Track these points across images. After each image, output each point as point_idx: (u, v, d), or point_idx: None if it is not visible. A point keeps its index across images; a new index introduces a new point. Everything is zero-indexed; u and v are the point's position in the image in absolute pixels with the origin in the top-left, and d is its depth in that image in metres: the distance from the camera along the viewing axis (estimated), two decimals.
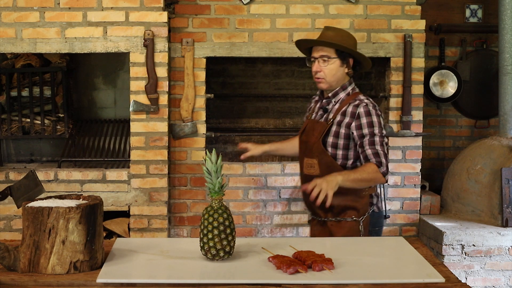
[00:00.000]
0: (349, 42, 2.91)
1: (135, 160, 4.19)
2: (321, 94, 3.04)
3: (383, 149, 2.80)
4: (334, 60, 2.87)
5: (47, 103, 4.50)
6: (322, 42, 2.90)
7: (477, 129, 5.26)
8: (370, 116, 2.82)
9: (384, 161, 2.77)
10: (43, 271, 2.03)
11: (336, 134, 2.85)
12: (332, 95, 2.94)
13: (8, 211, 4.15)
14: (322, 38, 2.92)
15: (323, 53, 2.88)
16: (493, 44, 5.14)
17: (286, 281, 1.96)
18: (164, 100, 4.17)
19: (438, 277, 2.03)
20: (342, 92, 2.93)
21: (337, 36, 2.89)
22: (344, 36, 2.92)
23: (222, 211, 2.17)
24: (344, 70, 2.92)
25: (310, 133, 2.95)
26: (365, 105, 2.84)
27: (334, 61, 2.87)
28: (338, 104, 2.90)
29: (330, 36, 2.89)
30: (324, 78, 2.89)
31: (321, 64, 2.89)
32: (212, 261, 2.15)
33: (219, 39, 4.34)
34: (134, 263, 2.16)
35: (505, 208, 4.20)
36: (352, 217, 2.88)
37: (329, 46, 2.86)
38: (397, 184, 4.54)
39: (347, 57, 2.89)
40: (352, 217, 2.88)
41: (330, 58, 2.87)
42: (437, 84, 5.08)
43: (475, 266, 4.15)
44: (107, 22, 4.07)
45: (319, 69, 2.89)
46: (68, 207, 2.03)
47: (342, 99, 2.91)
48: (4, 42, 4.04)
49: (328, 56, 2.87)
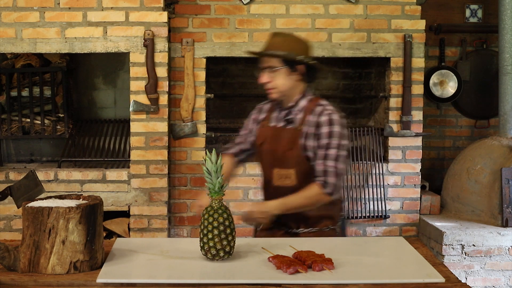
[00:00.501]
0: (297, 48, 2.70)
1: (135, 160, 4.19)
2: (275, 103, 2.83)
3: (335, 165, 2.61)
4: (280, 69, 2.68)
5: (47, 103, 4.50)
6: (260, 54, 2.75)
7: (477, 129, 5.26)
8: (331, 126, 2.64)
9: (332, 180, 2.61)
10: (43, 271, 2.03)
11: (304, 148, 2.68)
12: (293, 104, 2.74)
13: (8, 211, 4.15)
14: (268, 46, 2.74)
15: (269, 64, 2.71)
16: (493, 44, 5.14)
17: (286, 281, 1.96)
18: (164, 100, 4.17)
19: (438, 277, 2.03)
20: (302, 100, 2.73)
21: (284, 42, 2.70)
22: (292, 42, 2.73)
23: (222, 211, 2.17)
24: (296, 78, 2.70)
25: (276, 142, 2.74)
26: (328, 113, 2.66)
27: (281, 70, 2.68)
28: (301, 113, 2.71)
29: (277, 43, 2.71)
30: (274, 88, 2.71)
31: (269, 75, 2.72)
32: (212, 261, 2.15)
33: (219, 39, 4.34)
34: (134, 263, 2.16)
35: (505, 208, 4.20)
36: (329, 226, 2.76)
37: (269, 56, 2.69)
38: (397, 184, 4.54)
39: (296, 65, 2.68)
40: (329, 226, 2.76)
41: (276, 69, 2.68)
42: (437, 84, 5.08)
43: (475, 266, 4.15)
44: (107, 22, 4.07)
45: (266, 80, 2.72)
46: (68, 207, 2.03)
47: (304, 107, 2.72)
48: (4, 42, 4.04)
49: (274, 67, 2.69)
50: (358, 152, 4.54)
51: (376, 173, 4.50)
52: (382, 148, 4.57)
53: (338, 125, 2.66)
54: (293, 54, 2.67)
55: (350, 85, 5.11)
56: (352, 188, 4.50)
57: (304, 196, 2.62)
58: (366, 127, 4.62)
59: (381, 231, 4.55)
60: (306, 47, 2.75)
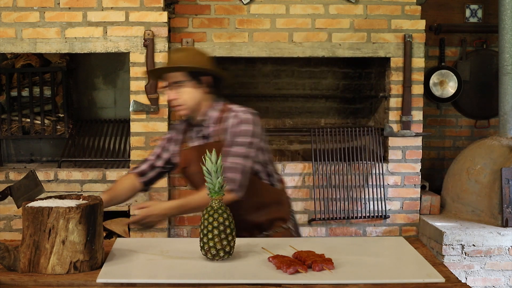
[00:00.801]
0: (200, 60, 2.65)
1: (135, 160, 4.19)
2: (187, 122, 2.76)
3: (240, 161, 2.53)
4: (186, 83, 2.61)
5: (47, 103, 4.50)
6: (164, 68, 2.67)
7: (477, 129, 5.26)
8: (238, 126, 2.57)
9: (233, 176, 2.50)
10: (43, 271, 2.03)
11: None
12: (203, 118, 2.67)
13: (8, 211, 4.16)
14: (170, 62, 2.67)
15: (174, 79, 2.62)
16: (493, 44, 5.14)
17: (286, 281, 1.96)
18: (164, 100, 4.17)
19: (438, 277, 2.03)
20: (212, 111, 2.66)
21: (186, 57, 2.64)
22: (194, 55, 2.68)
23: (222, 211, 2.17)
24: (203, 91, 2.64)
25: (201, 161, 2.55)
26: (234, 115, 2.60)
27: (187, 84, 2.61)
28: (214, 125, 2.65)
29: (178, 58, 2.65)
30: (182, 104, 2.63)
31: (175, 91, 2.63)
32: (212, 261, 2.15)
33: (219, 39, 4.34)
34: (134, 263, 2.16)
35: (505, 208, 4.20)
36: (282, 226, 2.72)
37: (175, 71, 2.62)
38: (397, 184, 4.54)
39: (201, 77, 2.62)
40: (282, 226, 2.72)
41: (182, 83, 2.61)
42: (437, 84, 5.08)
43: (475, 266, 4.15)
44: (107, 22, 4.07)
45: (173, 96, 2.63)
46: (68, 207, 2.03)
47: (216, 118, 2.65)
48: (4, 42, 4.04)
49: (179, 81, 2.61)
50: (358, 152, 4.54)
51: (376, 173, 4.50)
52: (382, 148, 4.57)
53: (246, 123, 2.58)
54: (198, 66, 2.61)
55: (350, 85, 5.11)
56: (352, 188, 4.50)
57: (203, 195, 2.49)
58: (366, 127, 4.62)
59: (381, 231, 4.55)
60: (207, 59, 2.70)
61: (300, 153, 5.06)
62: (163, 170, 2.84)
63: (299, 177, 4.48)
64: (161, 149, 2.82)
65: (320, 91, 5.07)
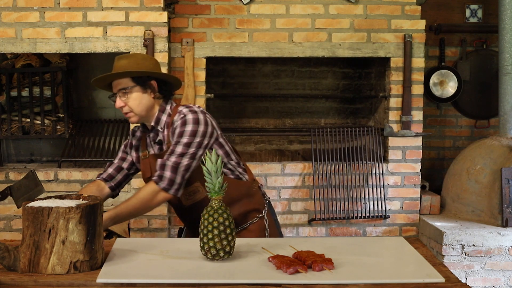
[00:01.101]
0: (145, 64, 2.63)
1: None
2: (143, 128, 2.76)
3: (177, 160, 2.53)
4: (132, 89, 2.60)
5: (47, 103, 4.50)
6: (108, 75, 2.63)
7: (477, 129, 5.26)
8: (184, 126, 2.57)
9: (168, 174, 2.52)
10: (43, 271, 2.03)
11: None
12: (154, 123, 2.67)
13: (8, 211, 4.15)
14: (114, 69, 2.64)
15: (120, 86, 2.61)
16: (493, 44, 5.14)
17: (286, 281, 1.96)
18: None
19: (438, 277, 2.03)
20: (163, 115, 2.66)
21: (130, 63, 2.62)
22: (138, 60, 2.66)
23: (222, 211, 2.17)
24: (150, 96, 2.64)
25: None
26: (181, 117, 2.59)
27: (133, 90, 2.60)
28: (166, 129, 2.65)
29: (123, 65, 2.62)
30: (131, 111, 2.63)
31: (122, 98, 2.62)
32: (212, 261, 2.15)
33: (219, 39, 4.34)
34: (134, 263, 2.16)
35: (505, 208, 4.20)
36: (257, 216, 2.72)
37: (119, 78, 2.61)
38: (397, 184, 4.54)
39: (147, 81, 2.62)
40: (257, 216, 2.72)
41: (128, 89, 2.60)
42: (437, 84, 5.08)
43: (475, 266, 4.15)
44: (107, 22, 4.07)
45: (121, 104, 2.62)
46: (68, 207, 2.03)
47: (167, 122, 2.65)
48: (4, 42, 4.04)
49: (125, 88, 2.60)
50: (358, 152, 4.55)
51: (376, 173, 4.50)
52: (382, 148, 4.57)
53: (192, 124, 2.57)
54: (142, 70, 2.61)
55: (350, 85, 5.11)
56: (352, 188, 4.50)
57: (137, 198, 2.53)
58: (366, 127, 4.62)
59: (381, 231, 4.55)
60: (153, 62, 2.70)
61: (300, 153, 5.06)
62: (129, 173, 2.85)
63: (299, 177, 4.48)
64: (124, 153, 2.84)
65: (320, 91, 5.07)
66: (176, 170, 2.54)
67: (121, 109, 2.65)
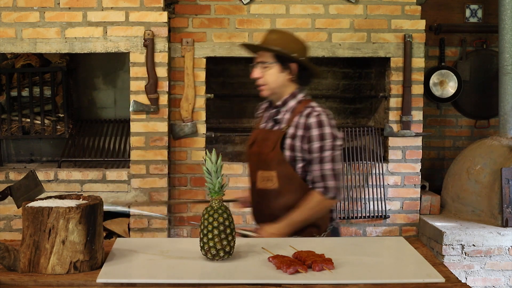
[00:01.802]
0: (293, 46, 2.66)
1: (135, 160, 4.19)
2: (270, 102, 2.81)
3: (332, 166, 2.59)
4: (272, 65, 2.65)
5: (47, 103, 4.50)
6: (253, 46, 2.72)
7: (477, 129, 5.26)
8: (321, 128, 2.59)
9: (331, 184, 2.59)
10: (43, 271, 2.03)
11: (292, 148, 2.62)
12: (281, 103, 2.71)
13: (8, 211, 4.16)
14: (264, 41, 2.70)
15: (261, 59, 2.67)
16: (493, 44, 5.14)
17: (286, 281, 1.96)
18: (164, 100, 4.17)
19: (438, 277, 2.03)
20: (292, 100, 2.69)
21: (280, 39, 2.66)
22: (288, 40, 2.68)
23: (222, 211, 2.17)
24: (286, 76, 2.67)
25: (263, 143, 2.70)
26: (317, 115, 2.60)
27: (272, 66, 2.65)
28: (289, 114, 2.67)
29: (272, 39, 2.67)
30: (265, 84, 2.69)
31: (260, 70, 2.68)
32: (212, 261, 2.15)
33: (219, 39, 4.34)
34: (134, 263, 2.16)
35: (505, 208, 4.20)
36: (314, 234, 2.68)
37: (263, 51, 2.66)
38: (397, 184, 4.54)
39: (288, 62, 2.65)
40: (314, 234, 2.68)
41: (268, 64, 2.65)
42: (437, 84, 5.08)
43: (475, 266, 4.15)
44: (107, 22, 4.07)
45: (258, 75, 2.69)
46: (68, 207, 2.03)
47: (293, 108, 2.68)
48: (4, 42, 4.04)
49: (265, 62, 2.66)
50: (358, 152, 4.54)
51: (376, 173, 4.50)
52: (382, 148, 4.57)
53: (328, 126, 2.61)
54: (286, 51, 2.64)
55: (350, 85, 5.11)
56: (352, 188, 4.50)
57: (307, 208, 2.59)
58: (366, 127, 4.62)
59: (381, 231, 4.55)
60: (302, 47, 2.71)
61: None
62: None
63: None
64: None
65: (320, 91, 5.07)
66: (335, 176, 2.61)
67: (256, 80, 2.72)
